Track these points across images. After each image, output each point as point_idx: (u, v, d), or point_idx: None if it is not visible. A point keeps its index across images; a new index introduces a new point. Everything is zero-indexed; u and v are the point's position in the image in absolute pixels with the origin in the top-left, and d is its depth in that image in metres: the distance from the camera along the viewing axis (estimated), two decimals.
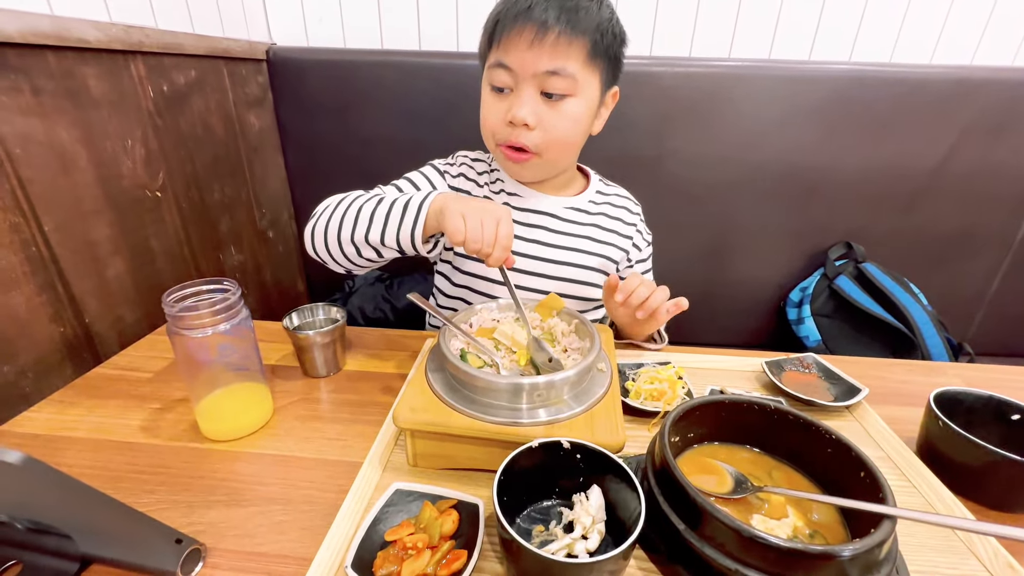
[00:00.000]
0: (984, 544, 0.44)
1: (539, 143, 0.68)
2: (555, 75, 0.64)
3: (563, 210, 0.79)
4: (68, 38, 0.67)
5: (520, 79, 0.65)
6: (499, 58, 0.65)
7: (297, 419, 0.60)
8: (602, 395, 0.51)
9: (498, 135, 0.70)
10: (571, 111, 0.67)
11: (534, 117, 0.66)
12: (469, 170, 0.80)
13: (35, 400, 0.61)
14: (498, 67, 0.66)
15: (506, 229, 0.56)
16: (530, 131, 0.67)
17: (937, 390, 0.55)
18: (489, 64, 0.68)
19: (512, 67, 0.65)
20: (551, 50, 0.63)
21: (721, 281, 1.30)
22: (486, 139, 0.73)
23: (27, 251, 0.65)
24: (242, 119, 1.07)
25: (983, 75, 1.09)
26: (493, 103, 0.69)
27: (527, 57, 0.63)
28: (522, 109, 0.65)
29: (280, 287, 1.28)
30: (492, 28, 0.66)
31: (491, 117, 0.70)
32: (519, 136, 0.68)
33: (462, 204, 0.57)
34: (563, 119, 0.67)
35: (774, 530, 0.40)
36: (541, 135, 0.68)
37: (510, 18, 0.63)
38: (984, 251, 1.25)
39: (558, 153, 0.72)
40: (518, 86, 0.66)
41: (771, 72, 1.10)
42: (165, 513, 0.46)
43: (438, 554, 0.39)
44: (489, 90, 0.69)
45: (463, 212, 0.56)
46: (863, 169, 1.16)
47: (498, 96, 0.68)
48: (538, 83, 0.65)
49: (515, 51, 0.64)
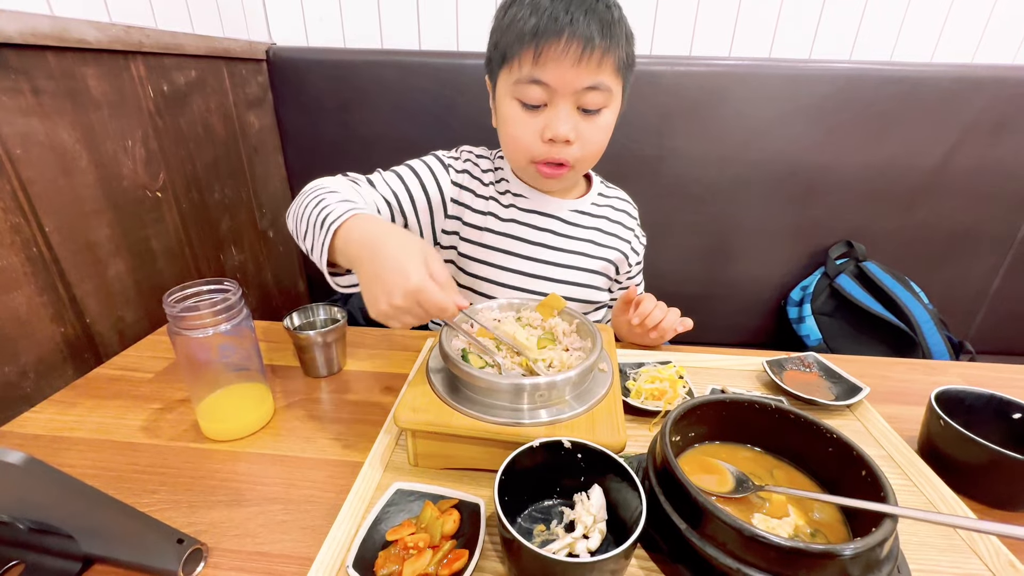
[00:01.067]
0: (986, 543, 0.44)
1: (578, 156, 0.67)
2: (595, 90, 0.62)
3: (568, 213, 0.79)
4: (68, 39, 0.67)
5: (558, 95, 0.63)
6: (536, 75, 0.62)
7: (298, 419, 0.60)
8: (603, 395, 0.51)
9: (535, 153, 0.67)
10: (605, 122, 0.67)
11: (574, 131, 0.64)
12: (474, 167, 0.79)
13: (36, 400, 0.62)
14: (532, 84, 0.62)
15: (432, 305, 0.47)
16: (570, 146, 0.66)
17: (938, 389, 0.55)
18: (519, 78, 0.63)
19: (551, 84, 0.62)
20: (596, 67, 0.61)
21: (722, 280, 1.30)
22: (515, 156, 0.71)
23: (28, 251, 0.65)
24: (242, 119, 1.07)
25: (984, 73, 1.09)
26: (525, 120, 0.66)
27: (570, 74, 0.61)
28: (563, 126, 0.63)
29: (281, 287, 1.28)
30: (530, 39, 0.61)
31: (525, 135, 0.66)
32: (559, 152, 0.66)
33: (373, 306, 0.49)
34: (598, 131, 0.67)
35: (775, 529, 0.40)
36: (579, 149, 0.66)
37: (552, 32, 0.59)
38: (985, 249, 1.25)
39: (590, 163, 0.72)
40: (555, 102, 0.63)
41: (771, 71, 1.10)
42: (166, 513, 0.46)
43: (439, 554, 0.39)
44: (519, 106, 0.66)
45: (387, 318, 0.49)
46: (864, 167, 1.16)
47: (530, 112, 0.65)
48: (576, 98, 0.63)
49: (558, 68, 0.61)
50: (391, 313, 0.48)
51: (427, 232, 0.77)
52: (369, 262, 0.50)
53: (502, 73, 0.66)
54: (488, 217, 0.77)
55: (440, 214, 0.77)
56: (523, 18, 0.61)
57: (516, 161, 0.72)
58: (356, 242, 0.52)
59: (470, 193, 0.77)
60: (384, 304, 0.48)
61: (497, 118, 0.71)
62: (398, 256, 0.48)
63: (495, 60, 0.67)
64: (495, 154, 0.82)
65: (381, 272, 0.48)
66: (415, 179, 0.74)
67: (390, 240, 0.50)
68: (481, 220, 0.77)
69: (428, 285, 0.47)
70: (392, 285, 0.47)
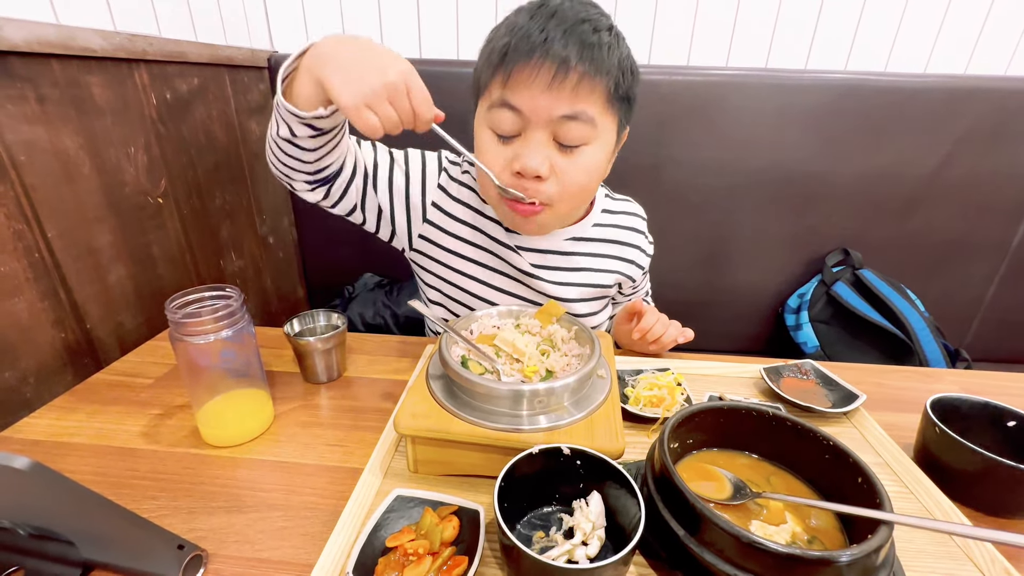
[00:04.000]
0: (981, 549, 0.45)
1: (552, 194, 0.60)
2: (573, 120, 0.56)
3: (563, 243, 0.72)
4: (73, 47, 0.68)
5: (531, 124, 0.56)
6: (507, 98, 0.56)
7: (298, 425, 0.60)
8: (602, 402, 0.51)
9: (504, 182, 0.60)
10: (587, 160, 0.59)
11: (547, 167, 0.57)
12: (472, 179, 0.73)
13: (36, 406, 0.62)
14: (504, 108, 0.56)
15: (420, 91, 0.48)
16: (542, 182, 0.58)
17: (934, 396, 0.56)
18: (491, 104, 0.58)
19: (523, 110, 0.55)
20: (572, 93, 0.54)
21: (719, 287, 1.30)
22: (485, 191, 0.64)
23: (30, 257, 0.65)
24: (244, 126, 1.08)
25: (977, 84, 1.10)
26: (494, 149, 0.59)
27: (542, 100, 0.54)
28: (533, 158, 0.56)
29: (280, 293, 1.28)
30: (499, 60, 0.55)
31: (494, 165, 0.59)
32: (527, 189, 0.59)
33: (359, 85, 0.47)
34: (579, 170, 0.59)
35: (772, 536, 0.41)
36: (555, 186, 0.59)
37: (523, 52, 0.53)
38: (980, 258, 1.26)
39: (571, 206, 0.64)
40: (527, 131, 0.57)
41: (768, 80, 1.11)
42: (166, 519, 0.46)
43: (439, 560, 0.39)
44: (491, 136, 0.59)
45: (366, 101, 0.47)
46: (859, 176, 1.17)
47: (501, 142, 0.59)
48: (551, 129, 0.57)
49: (528, 92, 0.54)
50: (379, 90, 0.47)
51: (401, 222, 0.71)
52: (354, 47, 0.49)
53: (479, 103, 0.61)
54: (487, 238, 0.72)
55: (418, 215, 0.71)
56: (498, 38, 0.57)
57: (487, 196, 0.65)
58: (332, 42, 0.50)
59: (461, 205, 0.72)
60: (375, 78, 0.47)
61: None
62: (387, 49, 0.49)
63: (476, 88, 0.62)
64: None
65: (371, 53, 0.48)
66: (403, 161, 0.71)
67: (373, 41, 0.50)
68: (478, 238, 0.72)
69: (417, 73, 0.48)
70: (386, 61, 0.47)
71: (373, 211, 0.70)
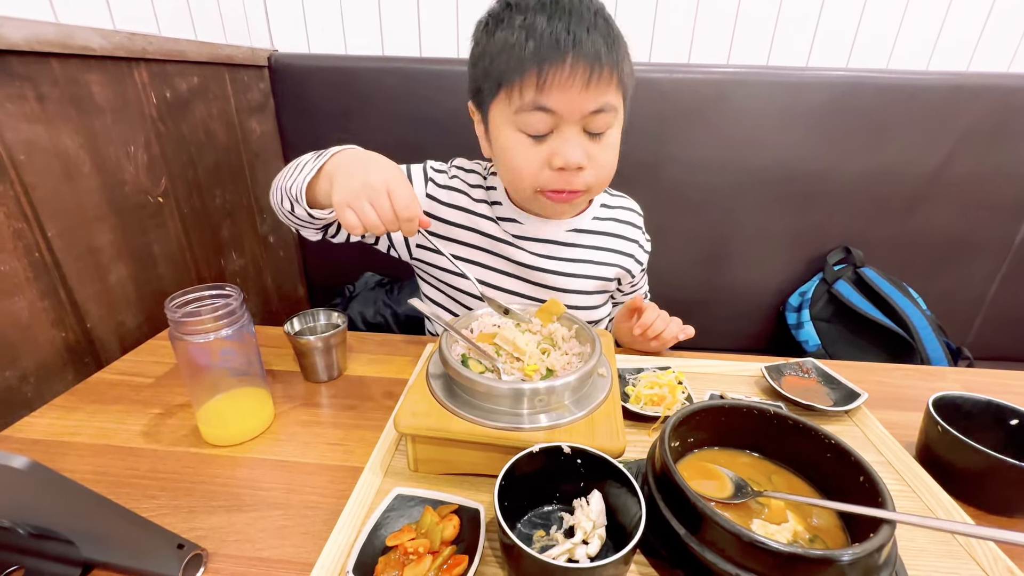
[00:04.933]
0: (983, 548, 0.44)
1: (591, 182, 0.64)
2: (601, 112, 0.59)
3: (565, 234, 0.74)
4: (73, 45, 0.68)
5: (565, 121, 0.59)
6: (541, 101, 0.57)
7: (298, 424, 0.60)
8: (602, 400, 0.51)
9: (542, 182, 0.63)
10: (612, 141, 0.64)
11: (585, 157, 0.61)
12: (460, 183, 0.75)
13: (37, 405, 0.62)
14: (537, 111, 0.58)
15: (402, 200, 0.51)
16: (582, 172, 0.62)
17: (936, 395, 0.55)
18: (521, 107, 0.59)
19: (558, 110, 0.58)
20: (604, 88, 0.57)
21: (720, 286, 1.30)
22: (519, 187, 0.66)
23: (30, 256, 0.65)
24: (244, 125, 1.08)
25: (979, 81, 1.10)
26: (529, 149, 0.62)
27: (578, 99, 0.57)
28: (574, 153, 0.60)
29: (281, 292, 1.28)
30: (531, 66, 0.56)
31: (530, 165, 0.62)
32: (570, 180, 0.62)
33: (345, 188, 0.51)
34: (608, 152, 0.64)
35: (774, 535, 0.40)
36: (592, 173, 0.63)
37: (557, 55, 0.55)
38: (982, 256, 1.26)
39: (604, 185, 0.68)
40: (561, 128, 0.60)
41: (769, 78, 1.11)
42: (166, 518, 0.46)
43: (439, 559, 0.39)
44: (521, 136, 0.61)
45: (349, 203, 0.51)
46: (861, 174, 1.17)
47: (535, 141, 0.61)
48: (583, 122, 0.60)
49: (564, 94, 0.57)
50: (359, 191, 0.51)
51: (398, 237, 0.76)
52: (354, 158, 0.55)
53: (496, 102, 0.62)
54: (482, 237, 0.74)
55: None
56: (519, 42, 0.57)
57: (520, 192, 0.67)
58: (346, 155, 0.56)
59: (455, 210, 0.74)
60: (357, 181, 0.51)
61: (493, 148, 0.67)
62: (383, 159, 0.55)
63: (487, 89, 0.62)
64: (487, 168, 0.77)
65: (364, 161, 0.54)
66: None
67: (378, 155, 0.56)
68: (472, 238, 0.74)
69: (404, 182, 0.52)
70: (371, 168, 0.52)
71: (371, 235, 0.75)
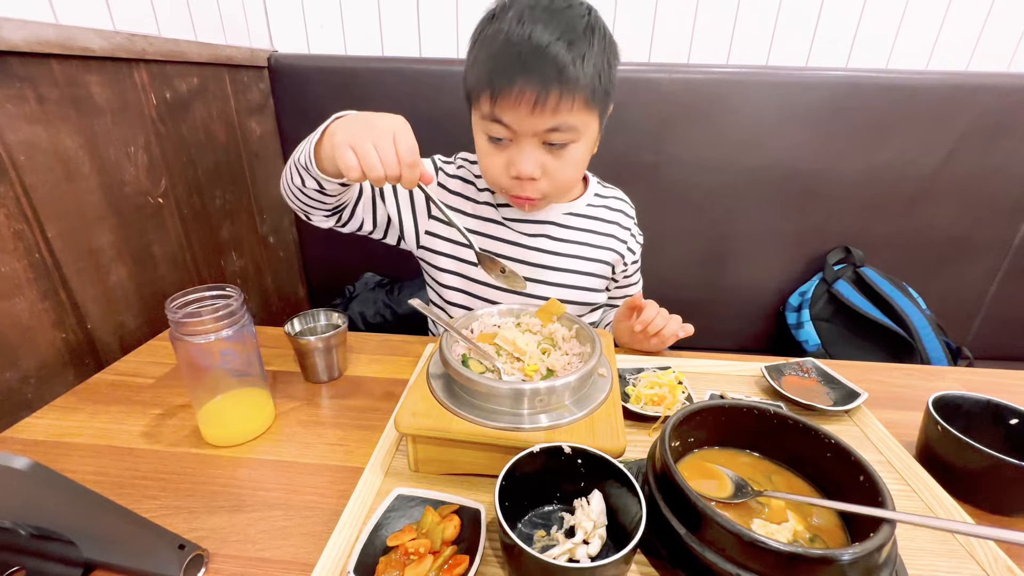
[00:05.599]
0: (983, 548, 0.44)
1: (546, 190, 0.67)
2: (556, 131, 0.61)
3: (563, 216, 0.79)
4: (72, 47, 0.68)
5: (519, 135, 0.62)
6: (496, 115, 0.61)
7: (299, 425, 0.60)
8: (603, 400, 0.51)
9: (503, 185, 0.68)
10: (574, 156, 0.65)
11: (538, 170, 0.64)
12: (468, 173, 0.80)
13: (37, 406, 0.62)
14: (494, 122, 0.62)
15: (406, 143, 0.50)
16: (536, 182, 0.65)
17: (936, 394, 0.55)
18: (483, 116, 0.63)
19: (511, 126, 0.61)
20: (552, 111, 0.59)
21: (720, 286, 1.30)
22: (491, 185, 0.72)
23: (30, 257, 0.65)
24: (244, 126, 1.08)
25: (978, 81, 1.10)
26: (492, 154, 0.66)
27: (527, 120, 0.60)
28: (526, 165, 0.63)
29: (281, 292, 1.28)
30: (486, 82, 0.60)
31: (493, 168, 0.67)
32: (524, 189, 0.66)
33: (349, 131, 0.51)
34: (566, 166, 0.66)
35: (774, 534, 0.41)
36: (547, 183, 0.66)
37: (505, 78, 0.58)
38: (982, 255, 1.26)
39: (564, 192, 0.72)
40: (518, 140, 0.63)
41: (769, 78, 1.11)
42: (167, 519, 0.46)
43: (440, 559, 0.39)
44: (485, 139, 0.66)
45: (350, 143, 0.50)
46: (861, 174, 1.17)
47: (496, 146, 0.65)
48: (540, 137, 0.62)
49: (514, 112, 0.60)
50: (364, 131, 0.50)
51: (409, 227, 0.77)
52: (362, 113, 0.55)
53: (473, 108, 0.67)
54: (482, 222, 0.78)
55: (423, 214, 0.77)
56: (479, 59, 0.61)
57: (494, 188, 0.72)
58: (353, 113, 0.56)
59: (461, 197, 0.78)
60: (362, 124, 0.51)
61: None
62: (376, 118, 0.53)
63: (467, 96, 0.67)
64: None
65: (372, 113, 0.53)
66: None
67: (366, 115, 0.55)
68: (475, 225, 0.78)
69: (410, 132, 0.51)
70: (379, 116, 0.52)
71: (383, 221, 0.76)
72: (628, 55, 0.71)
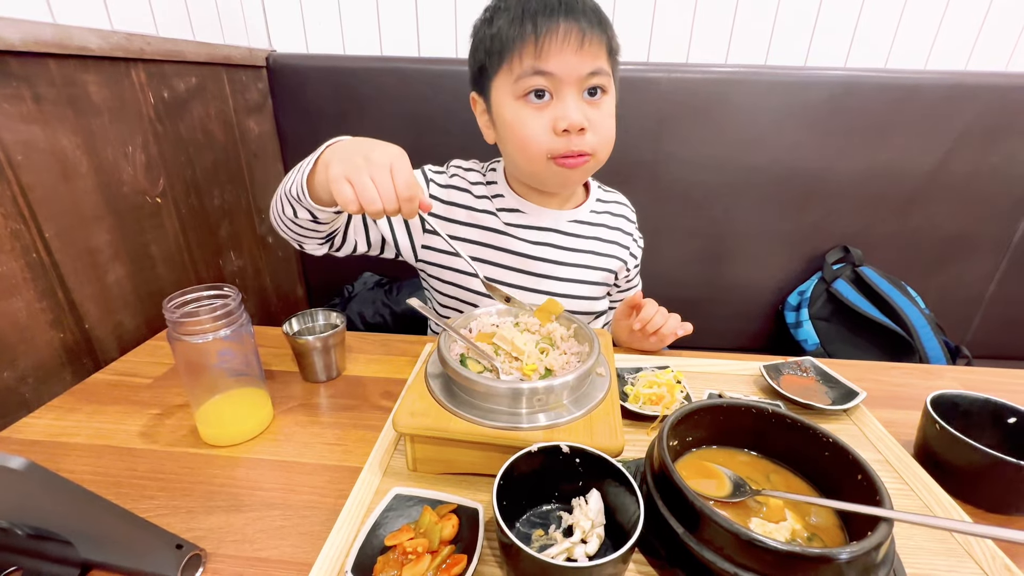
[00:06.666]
0: (981, 546, 0.44)
1: (594, 144, 0.66)
2: (596, 75, 0.63)
3: (567, 224, 0.77)
4: (70, 46, 0.67)
5: (563, 84, 0.62)
6: (539, 66, 0.61)
7: (297, 424, 0.60)
8: (601, 399, 0.51)
9: (551, 148, 0.65)
10: (609, 108, 0.67)
11: (586, 120, 0.64)
12: (462, 180, 0.77)
13: (35, 406, 0.62)
14: (536, 76, 0.62)
15: (403, 176, 0.49)
16: (585, 134, 0.65)
17: (934, 393, 0.55)
18: (520, 75, 0.62)
19: (556, 72, 0.61)
20: (596, 50, 0.62)
21: (719, 285, 1.30)
22: (529, 158, 0.67)
23: (28, 257, 0.65)
24: (242, 125, 1.08)
25: (977, 80, 1.10)
26: (534, 117, 0.64)
27: (574, 61, 0.61)
28: (575, 113, 0.62)
29: (279, 292, 1.28)
30: (529, 31, 0.60)
31: (536, 133, 0.64)
32: (576, 143, 0.64)
33: (344, 164, 0.49)
34: (606, 117, 0.67)
35: (772, 533, 0.41)
36: (594, 136, 0.65)
37: (552, 20, 0.60)
38: (981, 254, 1.26)
39: (606, 152, 0.70)
40: (560, 92, 0.63)
41: (767, 77, 1.11)
42: (165, 519, 0.46)
43: (438, 559, 0.39)
44: (523, 104, 0.64)
45: (347, 176, 0.48)
46: (860, 173, 1.17)
47: (536, 107, 0.64)
48: (581, 85, 0.63)
49: (560, 56, 0.60)
50: (360, 165, 0.49)
51: (404, 244, 0.75)
52: (356, 140, 0.54)
53: (498, 78, 0.65)
54: (482, 231, 0.76)
55: (418, 230, 0.75)
56: (516, 17, 0.62)
57: (531, 163, 0.68)
58: (347, 140, 0.55)
59: (457, 207, 0.76)
60: (359, 157, 0.49)
61: (498, 126, 0.69)
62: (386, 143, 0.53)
63: (490, 66, 0.66)
64: (486, 167, 0.80)
65: (366, 142, 0.53)
66: None
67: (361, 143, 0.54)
68: (474, 234, 0.76)
69: (408, 163, 0.51)
70: (375, 146, 0.51)
71: (377, 242, 0.75)
72: (627, 54, 0.71)
